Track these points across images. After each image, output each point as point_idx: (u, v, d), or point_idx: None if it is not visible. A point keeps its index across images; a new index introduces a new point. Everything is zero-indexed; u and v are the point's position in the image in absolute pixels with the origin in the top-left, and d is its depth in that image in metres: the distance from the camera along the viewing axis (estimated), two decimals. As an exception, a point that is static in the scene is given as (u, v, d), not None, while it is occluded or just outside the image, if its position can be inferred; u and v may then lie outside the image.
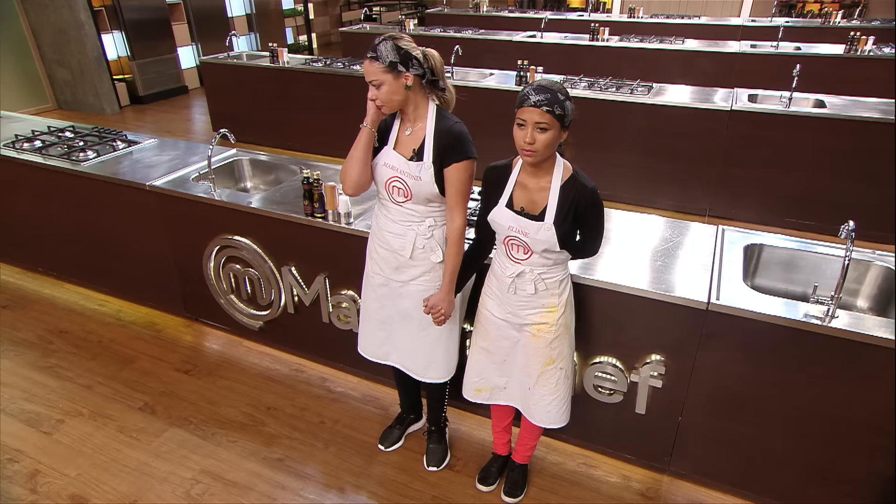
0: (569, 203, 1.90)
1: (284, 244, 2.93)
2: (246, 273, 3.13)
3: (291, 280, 2.96)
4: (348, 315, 2.89)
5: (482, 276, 2.27)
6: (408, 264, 2.18)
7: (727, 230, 2.61)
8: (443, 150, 2.04)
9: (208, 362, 3.32)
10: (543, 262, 1.99)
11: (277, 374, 3.21)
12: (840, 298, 2.05)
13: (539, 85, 1.80)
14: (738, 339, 2.13)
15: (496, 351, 2.22)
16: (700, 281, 2.23)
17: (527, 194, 1.96)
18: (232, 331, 3.48)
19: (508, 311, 2.11)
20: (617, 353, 2.37)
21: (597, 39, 7.18)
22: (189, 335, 3.56)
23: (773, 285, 2.54)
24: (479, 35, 7.81)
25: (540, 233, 1.91)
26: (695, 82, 5.60)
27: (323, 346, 3.15)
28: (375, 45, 1.98)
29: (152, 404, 3.01)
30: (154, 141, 3.93)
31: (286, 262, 2.97)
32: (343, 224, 2.67)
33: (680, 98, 4.78)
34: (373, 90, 1.99)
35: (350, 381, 3.13)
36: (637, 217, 2.78)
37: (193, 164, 3.45)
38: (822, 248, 2.48)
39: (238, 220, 2.99)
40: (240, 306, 3.29)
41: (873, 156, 4.25)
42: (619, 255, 2.43)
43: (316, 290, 2.91)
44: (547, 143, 1.81)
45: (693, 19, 8.77)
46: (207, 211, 3.07)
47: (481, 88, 5.24)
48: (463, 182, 2.05)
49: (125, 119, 8.14)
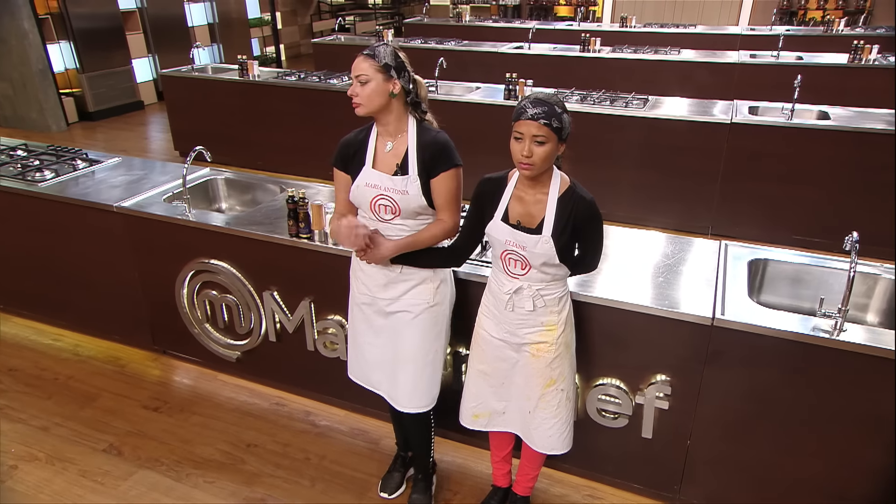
0: (567, 215, 2.06)
1: (266, 267, 3.06)
2: (223, 299, 3.24)
3: (273, 305, 3.08)
4: (335, 341, 3.01)
5: (478, 296, 2.42)
6: (398, 279, 2.32)
7: (730, 245, 2.81)
8: (428, 161, 2.21)
9: (179, 398, 3.40)
10: (542, 278, 2.15)
11: (256, 408, 3.30)
12: (847, 311, 2.23)
13: (536, 98, 1.98)
14: (744, 355, 2.30)
15: (494, 374, 2.36)
16: (704, 296, 2.41)
17: (523, 207, 2.12)
18: (205, 363, 3.57)
19: (506, 331, 2.25)
20: (620, 374, 2.52)
21: (588, 50, 7.51)
22: (157, 369, 3.64)
23: (779, 301, 2.73)
24: (463, 47, 8.12)
25: (538, 246, 2.07)
26: (692, 94, 5.90)
27: (307, 376, 3.25)
28: (373, 45, 2.18)
29: (118, 445, 3.07)
30: (117, 159, 4.05)
31: (268, 286, 3.09)
32: (330, 244, 2.81)
33: (677, 111, 5.05)
34: (355, 87, 2.14)
35: (336, 414, 3.23)
36: (636, 233, 2.96)
37: (163, 184, 3.58)
38: (828, 261, 2.68)
39: (215, 242, 3.12)
40: (215, 336, 3.39)
41: (881, 168, 4.53)
42: (618, 271, 2.60)
43: (300, 316, 3.03)
44: (545, 156, 1.99)
45: (689, 28, 9.21)
46: (181, 233, 3.19)
47: (468, 103, 5.47)
48: (452, 190, 2.23)
49: (73, 137, 8.21)
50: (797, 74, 4.77)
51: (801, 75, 4.89)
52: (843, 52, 7.05)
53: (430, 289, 2.34)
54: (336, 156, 2.33)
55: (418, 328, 2.37)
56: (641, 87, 5.98)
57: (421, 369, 2.41)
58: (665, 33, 8.91)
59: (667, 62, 7.20)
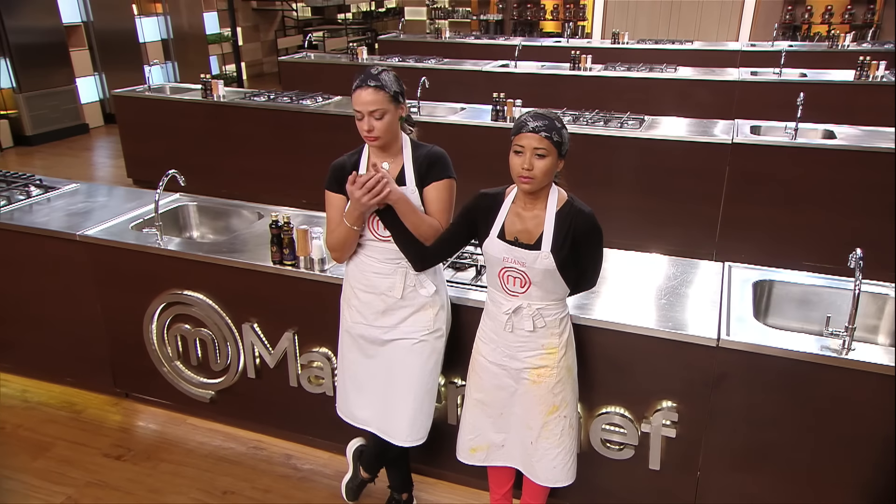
0: (566, 229, 2.29)
1: (245, 298, 3.23)
2: (197, 334, 3.39)
3: (253, 338, 3.24)
4: (321, 376, 3.17)
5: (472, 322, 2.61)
6: (397, 305, 2.52)
7: (734, 267, 3.06)
8: (424, 171, 2.46)
9: (145, 444, 3.51)
10: (542, 296, 2.36)
11: (232, 452, 3.42)
12: (854, 329, 2.47)
13: (536, 112, 2.23)
14: (752, 377, 2.52)
15: (492, 403, 2.54)
16: (708, 318, 2.63)
17: (521, 223, 2.35)
18: (175, 405, 3.69)
19: (505, 354, 2.45)
20: (624, 402, 2.72)
21: (578, 68, 7.89)
22: (118, 415, 3.75)
23: (787, 324, 2.96)
24: (444, 65, 8.47)
25: (538, 262, 2.29)
26: (691, 114, 6.23)
27: (289, 415, 3.40)
28: (375, 74, 2.37)
29: (77, 497, 3.15)
30: (75, 185, 4.22)
31: (247, 318, 3.26)
32: (317, 271, 3.00)
33: (675, 131, 5.37)
34: (370, 122, 2.36)
35: (320, 458, 3.37)
36: (636, 256, 3.20)
37: (130, 212, 3.75)
38: (836, 282, 2.93)
39: (190, 272, 3.29)
40: (187, 374, 3.53)
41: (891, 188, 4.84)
42: (619, 293, 2.83)
43: (283, 349, 3.20)
44: (545, 170, 2.22)
45: (685, 44, 9.69)
46: (153, 263, 3.35)
47: (453, 125, 5.77)
48: (445, 200, 2.46)
49: (6, 163, 8.26)
50: (801, 92, 5.10)
51: (805, 93, 5.20)
52: (849, 69, 7.48)
53: (429, 315, 2.55)
54: (330, 179, 2.55)
55: (418, 356, 2.56)
56: (636, 107, 6.31)
57: (420, 400, 2.59)
58: (660, 50, 9.36)
59: (663, 80, 7.59)
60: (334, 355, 3.07)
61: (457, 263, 3.07)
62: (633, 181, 5.38)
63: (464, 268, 3.04)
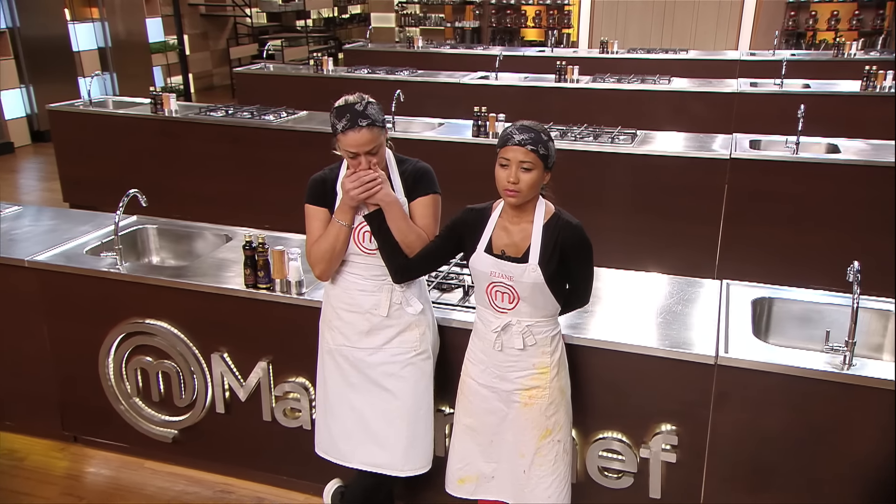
0: (553, 242, 2.54)
1: (215, 325, 3.42)
2: (160, 367, 3.57)
3: (223, 369, 3.43)
4: (298, 409, 3.36)
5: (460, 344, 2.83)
6: (382, 325, 2.74)
7: (732, 284, 3.33)
8: (410, 186, 2.73)
9: (98, 492, 3.63)
10: (531, 312, 2.59)
11: (197, 498, 3.57)
12: (855, 344, 2.73)
13: (522, 125, 2.50)
14: (751, 396, 2.78)
15: (482, 429, 2.75)
16: (706, 336, 2.89)
17: (508, 237, 2.60)
18: (131, 448, 3.84)
19: (495, 375, 2.67)
20: (621, 426, 2.96)
21: (564, 80, 8.26)
22: (65, 461, 3.86)
23: (789, 344, 3.21)
24: (419, 77, 8.81)
25: (525, 275, 2.53)
26: (686, 128, 6.55)
27: (261, 453, 3.57)
28: (361, 111, 2.57)
29: (24, 552, 3.29)
30: (18, 208, 4.39)
31: (216, 347, 3.45)
32: (294, 295, 3.21)
33: (670, 146, 5.71)
34: (367, 160, 2.59)
35: (295, 500, 3.53)
36: (630, 275, 3.47)
37: (83, 235, 3.93)
38: (838, 298, 3.20)
39: (153, 298, 3.48)
40: (147, 412, 3.69)
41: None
42: (613, 312, 3.08)
43: (256, 381, 3.39)
44: (531, 183, 2.48)
45: (680, 54, 10.16)
46: (111, 290, 3.54)
47: (432, 141, 6.06)
48: (430, 215, 2.73)
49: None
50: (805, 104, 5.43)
51: (808, 104, 5.54)
52: (855, 79, 7.89)
53: (415, 335, 2.78)
54: (309, 193, 2.78)
55: (406, 381, 2.79)
56: (628, 121, 6.61)
57: (414, 425, 2.80)
58: (653, 59, 9.82)
59: (656, 92, 7.98)
60: (312, 385, 3.27)
61: (443, 284, 3.30)
62: (626, 200, 5.68)
63: (450, 289, 3.27)
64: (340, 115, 2.58)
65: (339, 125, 2.59)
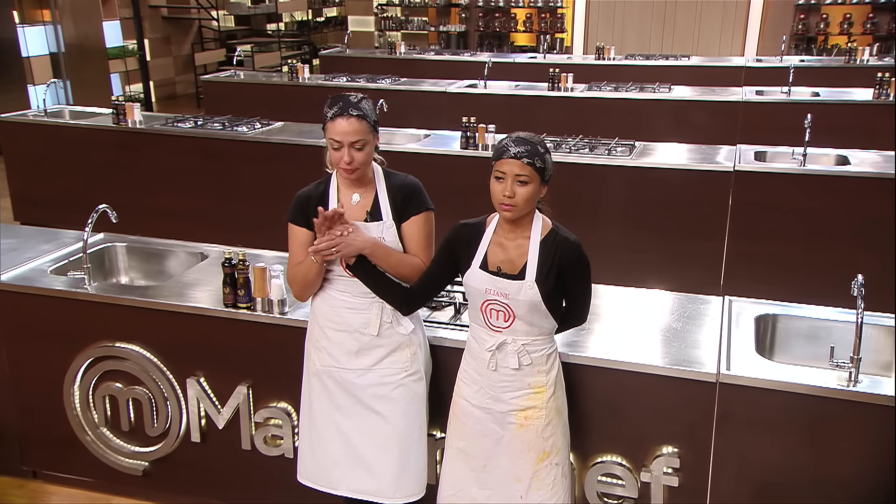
0: (551, 258, 2.70)
1: (191, 348, 3.56)
2: (131, 393, 3.69)
3: (199, 394, 3.56)
4: (280, 435, 3.50)
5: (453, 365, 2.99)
6: (372, 344, 2.89)
7: (735, 301, 3.52)
8: (399, 205, 2.88)
9: (62, 530, 3.74)
10: (527, 331, 2.75)
11: (170, 533, 3.68)
12: (860, 360, 2.90)
13: (518, 136, 2.66)
14: (755, 415, 2.95)
15: (475, 453, 2.89)
16: (707, 354, 3.07)
17: (503, 253, 2.76)
18: (96, 483, 3.94)
19: (489, 396, 2.82)
20: (621, 449, 3.12)
21: (558, 88, 8.48)
22: (23, 498, 3.94)
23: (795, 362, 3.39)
24: (402, 85, 9.03)
25: (522, 292, 2.69)
26: (688, 139, 6.73)
27: (239, 484, 3.68)
28: (355, 102, 2.77)
29: None
30: (-28, 227, 4.51)
31: (192, 371, 3.58)
32: (276, 314, 3.36)
33: (671, 158, 5.92)
34: (349, 153, 2.75)
35: (276, 534, 3.65)
36: (629, 291, 3.65)
37: (46, 254, 4.05)
38: (846, 314, 3.38)
39: (124, 320, 3.61)
40: (116, 443, 3.81)
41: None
42: (611, 330, 3.25)
43: (234, 406, 3.52)
44: (527, 197, 2.65)
45: (682, 60, 10.44)
46: (79, 312, 3.66)
47: (418, 154, 6.24)
48: (424, 236, 2.88)
49: None
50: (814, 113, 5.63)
51: (817, 113, 5.77)
52: (868, 87, 8.12)
53: (406, 355, 2.93)
54: (293, 210, 2.94)
55: (398, 403, 2.93)
56: (625, 132, 6.80)
57: (406, 450, 2.94)
58: (652, 66, 10.10)
59: (656, 101, 8.22)
60: (295, 411, 3.40)
61: (433, 301, 3.45)
62: (624, 215, 5.87)
63: (441, 306, 3.43)
64: (333, 104, 2.77)
65: (329, 112, 2.76)
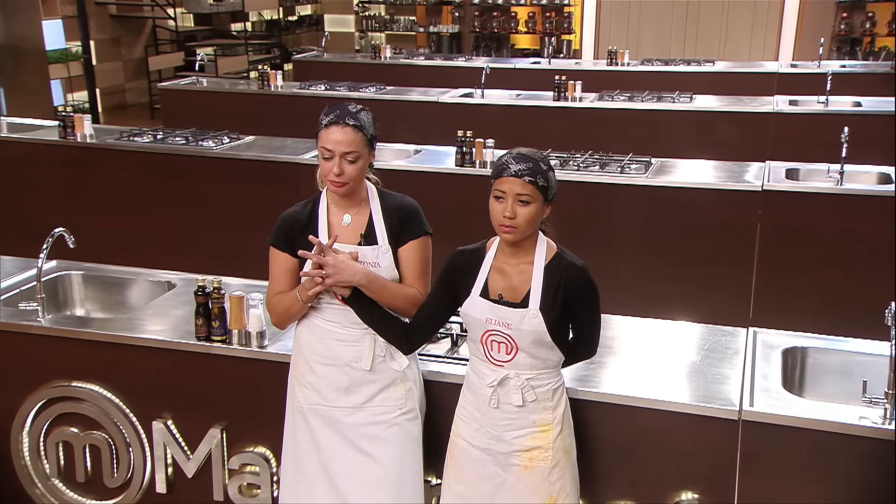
0: (556, 285, 2.87)
1: (157, 387, 3.70)
2: (88, 439, 3.82)
3: (167, 439, 3.69)
4: (257, 483, 3.64)
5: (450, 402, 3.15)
6: (364, 380, 3.06)
7: (760, 332, 3.71)
8: (396, 228, 3.06)
9: None
10: (532, 364, 2.92)
11: None
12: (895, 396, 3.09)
13: (519, 153, 2.85)
14: (782, 456, 3.12)
15: (475, 498, 3.03)
16: (729, 389, 3.24)
17: (505, 279, 2.93)
18: (47, 542, 4.06)
19: (490, 436, 2.97)
20: (636, 495, 3.27)
21: (565, 98, 8.66)
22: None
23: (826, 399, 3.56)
24: (387, 94, 9.20)
25: (525, 321, 2.86)
26: (712, 155, 6.88)
27: (210, 540, 3.83)
28: (353, 112, 2.95)
29: None
30: None
31: (159, 413, 3.71)
32: (255, 348, 3.52)
33: (692, 177, 6.10)
34: (339, 164, 2.92)
35: None
36: (643, 322, 3.84)
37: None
38: (882, 346, 3.54)
39: (82, 357, 3.75)
40: (70, 497, 3.93)
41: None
42: (624, 364, 3.43)
43: (206, 452, 3.65)
44: (529, 217, 2.82)
45: (706, 66, 10.64)
46: (30, 348, 3.81)
47: (409, 172, 6.38)
48: (421, 261, 3.06)
49: None
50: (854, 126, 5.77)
51: (856, 126, 5.89)
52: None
53: (400, 392, 3.10)
54: (276, 233, 3.11)
55: (391, 444, 3.08)
56: (641, 147, 6.88)
57: (399, 496, 3.08)
58: (672, 73, 10.30)
59: (675, 112, 8.39)
60: (275, 456, 3.56)
61: (429, 335, 3.63)
62: (639, 239, 6.04)
63: (436, 338, 3.60)
64: (329, 111, 2.96)
65: (324, 119, 2.94)
